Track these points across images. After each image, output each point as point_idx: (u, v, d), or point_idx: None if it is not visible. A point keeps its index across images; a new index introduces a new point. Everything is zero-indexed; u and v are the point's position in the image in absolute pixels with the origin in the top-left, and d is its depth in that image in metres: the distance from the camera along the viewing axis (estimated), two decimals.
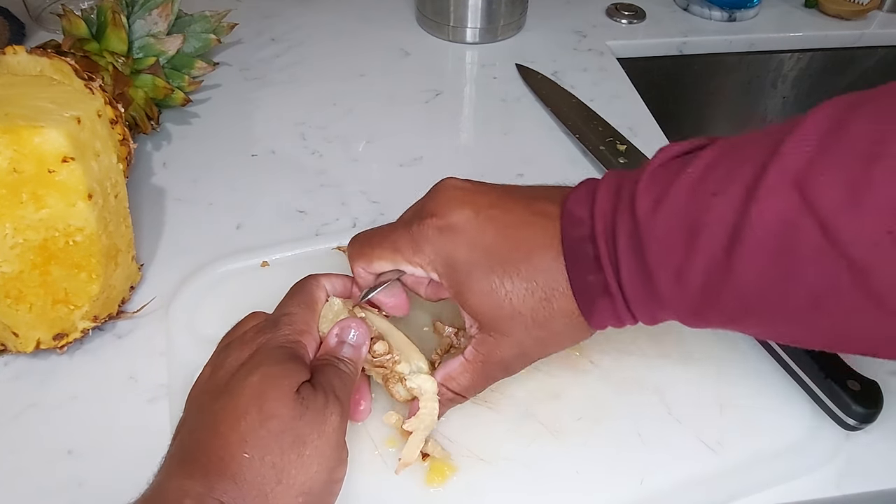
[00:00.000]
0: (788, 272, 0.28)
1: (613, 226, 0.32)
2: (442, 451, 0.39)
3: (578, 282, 0.34)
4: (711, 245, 0.29)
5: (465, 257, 0.35)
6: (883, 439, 0.41)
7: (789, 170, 0.27)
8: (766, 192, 0.27)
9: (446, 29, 0.76)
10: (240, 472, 0.30)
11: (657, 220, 0.30)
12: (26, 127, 0.39)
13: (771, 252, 0.28)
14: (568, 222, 0.34)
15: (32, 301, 0.42)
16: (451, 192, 0.36)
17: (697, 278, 0.30)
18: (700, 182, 0.30)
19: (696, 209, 0.29)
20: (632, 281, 0.32)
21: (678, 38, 0.79)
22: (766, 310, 0.30)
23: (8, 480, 0.39)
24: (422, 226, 0.35)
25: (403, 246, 0.36)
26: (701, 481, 0.39)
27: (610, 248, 0.32)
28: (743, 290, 0.29)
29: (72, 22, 0.57)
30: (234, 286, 0.48)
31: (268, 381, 0.32)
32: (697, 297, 0.31)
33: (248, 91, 0.69)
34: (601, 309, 0.34)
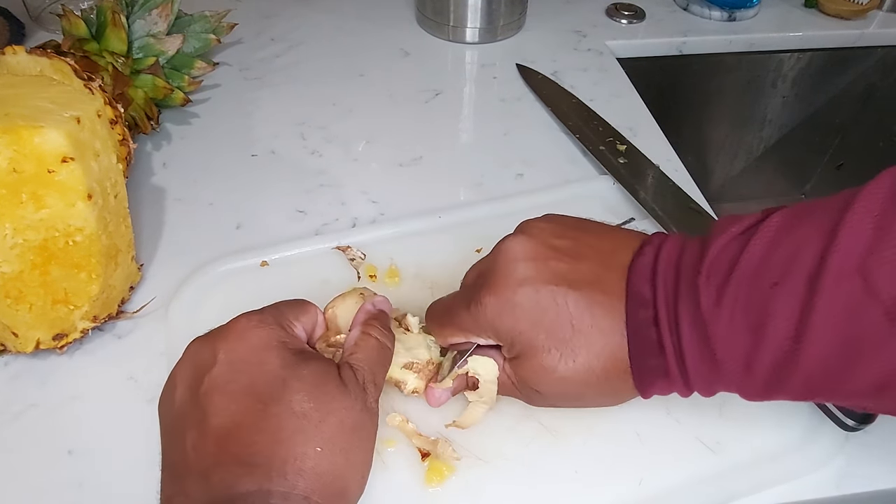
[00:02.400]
0: (854, 358, 0.28)
1: (676, 313, 0.32)
2: (453, 452, 0.39)
3: (639, 365, 0.34)
4: (777, 336, 0.29)
5: (525, 336, 0.35)
6: (882, 440, 0.41)
7: (850, 257, 0.27)
8: (829, 282, 0.28)
9: (446, 29, 0.76)
10: (317, 467, 0.31)
11: (721, 313, 0.31)
12: (26, 127, 0.39)
13: (836, 340, 0.28)
14: (634, 302, 0.34)
15: (32, 301, 0.42)
16: (513, 265, 0.36)
17: (766, 367, 0.30)
18: (759, 271, 0.30)
19: (759, 301, 0.30)
20: (695, 366, 0.33)
21: (678, 38, 0.79)
22: (832, 391, 0.30)
23: (8, 480, 0.39)
24: (481, 306, 0.36)
25: (466, 326, 0.37)
26: (700, 481, 0.39)
27: (674, 336, 0.33)
28: (809, 375, 0.30)
29: (71, 22, 0.57)
30: (234, 286, 0.48)
31: (312, 385, 0.32)
32: (766, 383, 0.31)
33: (248, 91, 0.69)
34: (657, 387, 0.35)
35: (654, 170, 0.58)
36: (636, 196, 0.55)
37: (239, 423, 0.31)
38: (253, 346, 0.33)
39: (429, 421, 0.41)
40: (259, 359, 0.33)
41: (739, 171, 0.95)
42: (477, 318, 0.36)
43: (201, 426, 0.31)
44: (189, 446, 0.31)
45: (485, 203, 0.56)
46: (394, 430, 0.40)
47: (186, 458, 0.31)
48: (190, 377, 0.33)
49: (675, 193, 0.55)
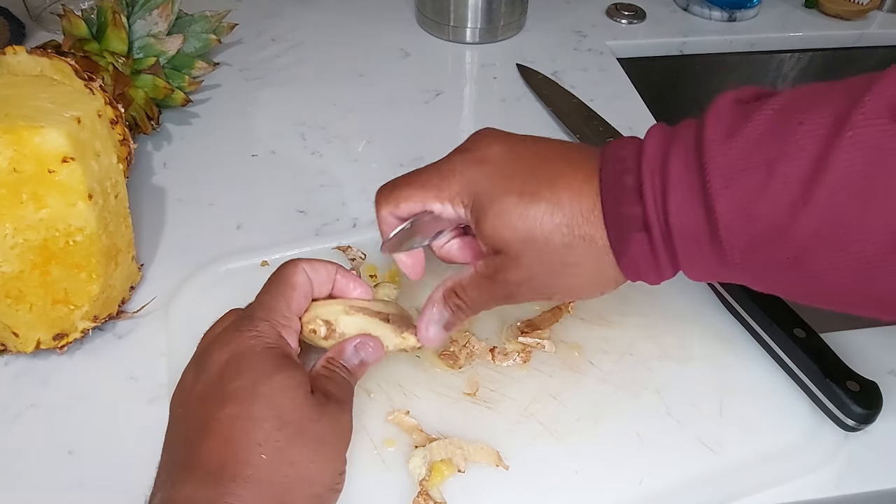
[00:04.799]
0: (873, 203, 0.26)
1: (665, 157, 0.30)
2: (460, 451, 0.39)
3: (612, 213, 0.31)
4: (790, 174, 0.26)
5: (489, 185, 0.34)
6: (882, 440, 0.41)
7: (885, 100, 0.25)
8: (858, 120, 0.25)
9: (446, 29, 0.76)
10: (256, 474, 0.30)
11: (730, 148, 0.28)
12: (26, 127, 0.39)
13: (857, 182, 0.25)
14: (609, 158, 0.32)
15: (32, 301, 0.42)
16: (486, 132, 0.36)
17: (769, 209, 0.27)
18: (784, 111, 0.28)
19: (779, 137, 0.27)
20: (681, 211, 0.29)
21: (678, 38, 0.79)
22: (832, 251, 0.27)
23: (8, 480, 0.39)
24: (451, 160, 0.35)
25: (431, 181, 0.35)
26: (700, 481, 0.39)
27: (656, 179, 0.30)
28: (816, 226, 0.27)
29: (72, 22, 0.57)
30: (234, 286, 0.48)
31: (280, 391, 0.32)
32: (760, 233, 0.28)
33: (248, 91, 0.69)
34: (635, 245, 0.31)
35: None
36: None
37: (200, 427, 0.32)
38: (236, 351, 0.33)
39: (429, 421, 0.41)
40: (240, 363, 0.33)
41: None
42: (444, 173, 0.35)
43: (177, 431, 0.33)
44: (164, 450, 0.33)
45: None
46: (394, 429, 0.40)
47: (160, 463, 0.33)
48: (189, 382, 0.34)
49: None
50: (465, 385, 0.42)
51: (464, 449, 0.39)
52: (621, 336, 0.45)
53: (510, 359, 0.43)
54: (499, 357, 0.43)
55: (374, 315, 0.39)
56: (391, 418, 0.41)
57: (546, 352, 0.44)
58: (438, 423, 0.41)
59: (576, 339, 0.45)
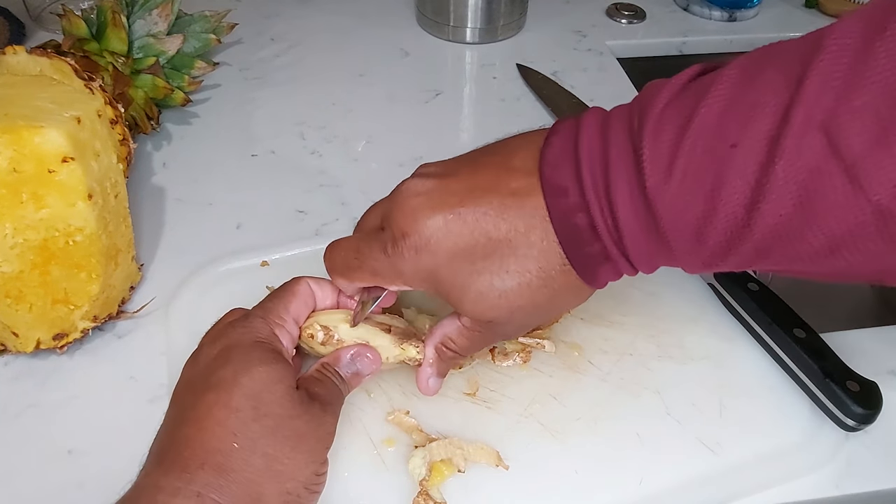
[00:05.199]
0: (810, 219, 0.26)
1: (608, 190, 0.30)
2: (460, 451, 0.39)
3: (577, 257, 0.32)
4: (733, 202, 0.27)
5: (448, 269, 0.33)
6: (882, 440, 0.41)
7: (815, 112, 0.25)
8: (791, 141, 0.26)
9: (446, 29, 0.76)
10: (226, 463, 0.30)
11: (671, 184, 0.28)
12: (26, 127, 0.39)
13: (794, 200, 0.26)
14: (551, 194, 0.31)
15: (32, 301, 0.42)
16: (414, 200, 0.34)
17: (717, 237, 0.28)
18: (718, 130, 0.27)
19: (715, 165, 0.27)
20: (638, 246, 0.31)
21: (678, 38, 0.79)
22: (781, 255, 0.28)
23: (8, 480, 0.39)
24: (397, 248, 0.33)
25: (381, 270, 0.35)
26: (700, 481, 0.39)
27: (607, 215, 0.30)
28: (761, 240, 0.28)
29: (72, 22, 0.57)
30: (234, 286, 0.48)
31: (261, 383, 0.32)
32: (713, 254, 0.29)
33: (248, 91, 0.69)
34: (603, 274, 0.33)
35: None
36: None
37: (180, 417, 0.32)
38: (227, 344, 0.34)
39: (429, 421, 0.41)
40: (228, 355, 0.33)
41: None
42: (394, 263, 0.34)
43: (164, 422, 0.33)
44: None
45: None
46: (394, 429, 0.40)
47: None
48: (184, 376, 0.35)
49: None
50: (465, 385, 0.42)
51: (464, 449, 0.39)
52: (621, 336, 0.45)
53: (510, 359, 0.43)
54: (499, 357, 0.43)
55: (376, 325, 0.39)
56: (391, 418, 0.41)
57: (546, 352, 0.44)
58: (438, 423, 0.41)
59: (576, 340, 0.45)
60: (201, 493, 0.29)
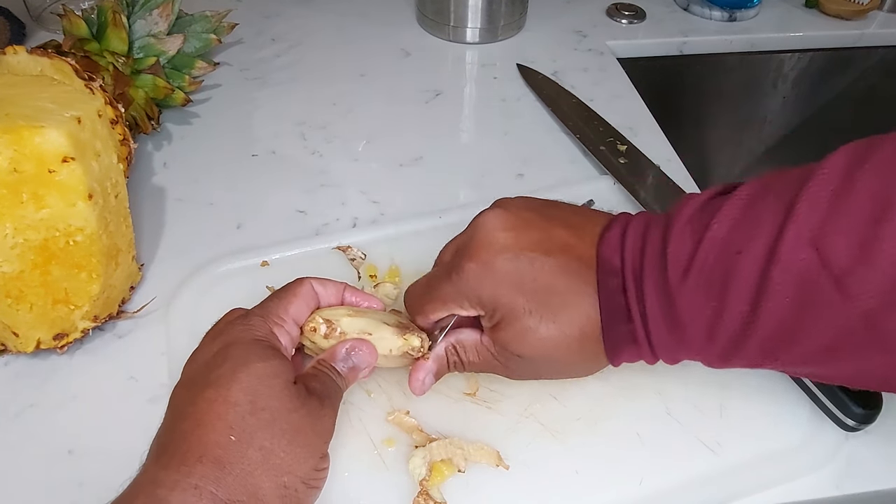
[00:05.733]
0: (807, 323, 0.30)
1: (642, 283, 0.34)
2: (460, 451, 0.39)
3: (610, 331, 0.36)
4: (739, 302, 0.31)
5: (506, 301, 0.36)
6: (882, 440, 0.41)
7: (804, 230, 0.29)
8: (785, 252, 0.30)
9: (446, 29, 0.76)
10: (224, 456, 0.30)
11: (687, 283, 0.33)
12: (27, 127, 0.39)
13: (791, 305, 0.30)
14: (603, 271, 0.36)
15: (33, 301, 0.42)
16: (492, 234, 0.37)
17: (727, 332, 0.32)
18: (725, 243, 0.32)
19: (724, 269, 0.32)
20: (660, 334, 0.34)
21: (678, 38, 0.79)
22: (787, 355, 0.32)
23: (8, 480, 0.39)
24: (462, 274, 0.36)
25: (448, 295, 0.37)
26: (700, 482, 0.39)
27: (640, 304, 0.34)
28: (766, 339, 0.32)
29: (72, 22, 0.57)
30: (234, 286, 0.48)
31: (258, 378, 0.33)
32: (725, 348, 0.33)
33: (248, 91, 0.69)
34: (625, 353, 0.36)
35: (655, 170, 0.58)
36: (636, 196, 0.55)
37: (179, 412, 0.32)
38: (224, 342, 0.35)
39: (429, 421, 0.41)
40: (226, 352, 0.34)
41: (740, 172, 0.95)
42: (459, 286, 0.37)
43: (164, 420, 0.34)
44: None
45: (484, 203, 0.55)
46: (394, 429, 0.40)
47: None
48: (183, 374, 0.35)
49: (676, 193, 0.55)
50: (465, 385, 0.42)
51: (464, 449, 0.39)
52: None
53: None
54: None
55: (378, 318, 0.39)
56: (391, 418, 0.41)
57: None
58: (438, 423, 0.41)
59: None
60: (199, 486, 0.29)
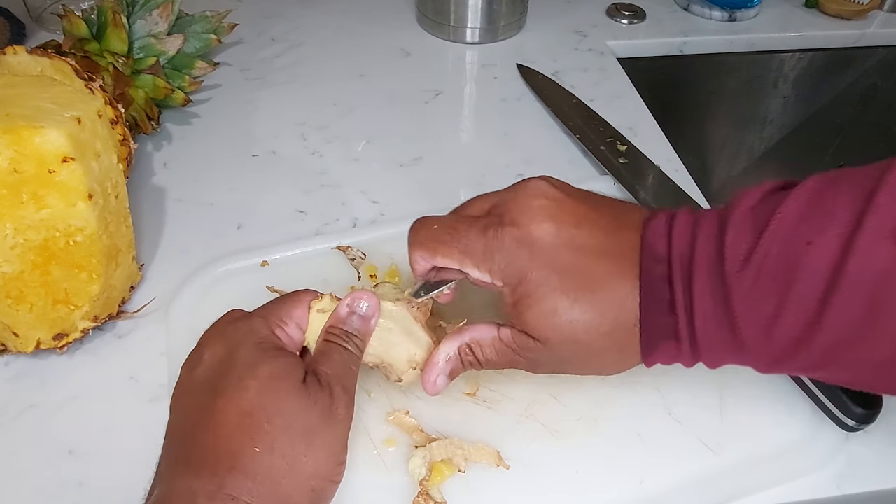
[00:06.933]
0: (880, 323, 0.28)
1: (690, 272, 0.32)
2: (460, 451, 0.39)
3: (648, 322, 0.33)
4: (806, 297, 0.29)
5: (538, 275, 0.34)
6: (882, 440, 0.41)
7: (886, 221, 0.27)
8: (863, 244, 0.27)
9: (447, 29, 0.76)
10: (251, 466, 0.30)
11: (747, 273, 0.30)
12: (27, 127, 0.39)
13: (865, 303, 0.28)
14: (648, 256, 0.33)
15: (33, 301, 0.42)
16: (536, 200, 0.35)
17: (788, 329, 0.30)
18: (794, 232, 0.29)
19: (790, 261, 0.29)
20: (707, 330, 0.32)
21: (678, 38, 0.79)
22: (851, 359, 0.30)
23: (8, 480, 0.39)
24: (499, 233, 0.34)
25: (474, 251, 0.35)
26: (701, 482, 0.39)
27: (686, 296, 0.32)
28: (832, 341, 0.29)
29: (72, 22, 0.57)
30: (234, 286, 0.48)
31: (267, 382, 0.32)
32: (783, 350, 0.30)
33: (248, 91, 0.69)
34: (662, 350, 0.34)
35: (655, 170, 0.58)
36: (636, 196, 0.55)
37: (195, 421, 0.32)
38: (228, 346, 0.34)
39: (429, 421, 0.41)
40: (231, 357, 0.33)
41: (740, 172, 0.95)
42: (491, 246, 0.34)
43: (174, 426, 0.33)
44: (163, 445, 0.33)
45: None
46: (394, 429, 0.40)
47: (160, 457, 0.33)
48: (185, 378, 0.35)
49: (676, 193, 0.55)
50: (465, 385, 0.42)
51: (464, 449, 0.39)
52: None
53: None
54: None
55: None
56: (391, 418, 0.41)
57: None
58: (438, 423, 0.41)
59: None
60: (236, 497, 0.29)
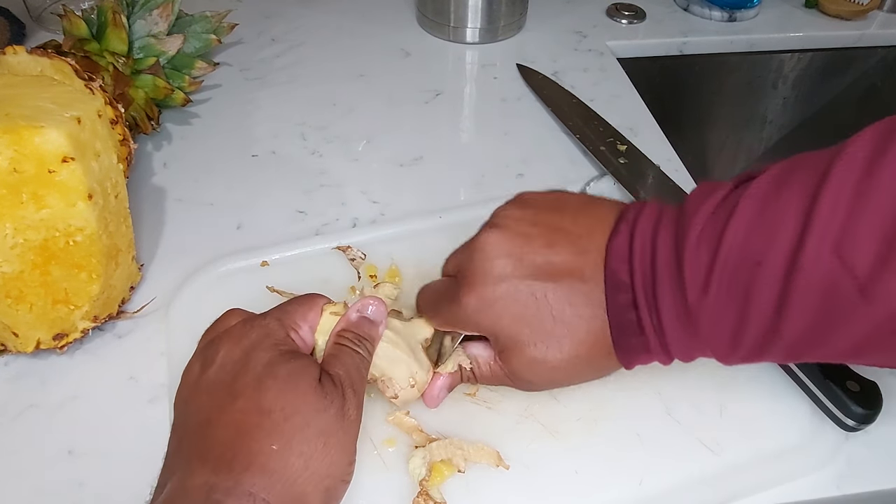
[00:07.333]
0: (832, 327, 0.30)
1: (655, 297, 0.33)
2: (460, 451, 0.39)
3: (622, 345, 0.35)
4: (762, 312, 0.31)
5: (507, 332, 0.36)
6: (882, 440, 0.41)
7: (826, 236, 0.28)
8: (807, 261, 0.29)
9: (447, 29, 0.76)
10: (268, 464, 0.30)
11: (707, 298, 0.32)
12: (27, 127, 0.39)
13: (815, 311, 0.29)
14: (612, 287, 0.35)
15: (33, 301, 0.42)
16: (490, 262, 0.36)
17: (750, 341, 0.32)
18: (743, 251, 0.31)
19: (744, 280, 0.31)
20: (678, 342, 0.34)
21: (678, 39, 0.79)
22: (810, 355, 0.32)
23: (8, 481, 0.39)
24: (461, 303, 0.36)
25: (452, 321, 0.38)
26: (700, 482, 0.39)
27: (654, 318, 0.34)
28: (790, 343, 0.31)
29: (72, 22, 0.57)
30: (234, 286, 0.48)
31: (285, 382, 0.32)
32: (749, 353, 0.33)
33: (248, 91, 0.69)
34: (640, 360, 0.36)
35: (655, 170, 0.58)
36: (636, 196, 0.55)
37: (209, 419, 0.32)
38: (245, 347, 0.34)
39: (429, 421, 0.41)
40: (248, 358, 0.34)
41: (740, 171, 0.95)
42: (458, 316, 0.37)
43: (186, 423, 0.33)
44: (173, 442, 0.33)
45: (485, 203, 0.55)
46: (394, 430, 0.40)
47: (169, 454, 0.33)
48: (195, 376, 0.35)
49: (676, 193, 0.55)
50: (465, 385, 0.42)
51: (464, 449, 0.39)
52: None
53: None
54: None
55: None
56: (391, 419, 0.41)
57: None
58: (438, 423, 0.41)
59: None
60: (253, 494, 0.30)
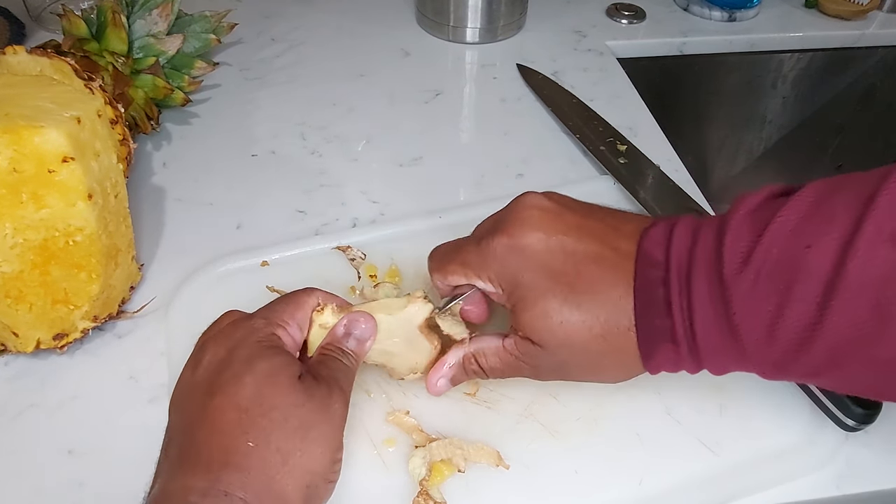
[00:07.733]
0: (881, 326, 0.28)
1: (689, 274, 0.32)
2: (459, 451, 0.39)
3: (644, 324, 0.33)
4: (806, 299, 0.29)
5: (529, 279, 0.35)
6: (882, 440, 0.41)
7: (885, 225, 0.27)
8: (863, 247, 0.27)
9: (446, 29, 0.76)
10: (245, 461, 0.30)
11: (746, 274, 0.30)
12: (26, 127, 0.39)
13: (866, 305, 0.28)
14: (643, 262, 0.34)
15: (32, 301, 0.42)
16: (528, 211, 0.36)
17: (789, 333, 0.30)
18: (794, 235, 0.29)
19: (790, 263, 0.29)
20: (708, 333, 0.32)
21: (678, 38, 0.79)
22: (854, 362, 0.29)
23: (8, 481, 0.39)
24: (491, 242, 0.36)
25: (471, 262, 0.37)
26: (700, 482, 0.39)
27: (683, 297, 0.32)
28: (834, 343, 0.29)
29: (72, 22, 0.57)
30: (234, 286, 0.48)
31: (263, 378, 0.32)
32: (786, 352, 0.30)
33: (248, 91, 0.69)
34: (661, 354, 0.34)
35: (655, 170, 0.58)
36: (636, 196, 0.55)
37: (192, 420, 0.32)
38: (229, 346, 0.34)
39: (429, 421, 0.41)
40: (230, 357, 0.34)
41: (739, 172, 0.95)
42: (484, 255, 0.36)
43: (174, 426, 0.34)
44: (163, 445, 0.33)
45: (485, 203, 0.55)
46: (394, 429, 0.40)
47: (159, 458, 0.33)
48: (186, 378, 0.35)
49: (676, 193, 0.55)
50: (465, 385, 0.42)
51: (464, 449, 0.39)
52: None
53: None
54: None
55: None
56: (391, 419, 0.41)
57: None
58: (438, 423, 0.41)
59: None
60: (229, 493, 0.29)
